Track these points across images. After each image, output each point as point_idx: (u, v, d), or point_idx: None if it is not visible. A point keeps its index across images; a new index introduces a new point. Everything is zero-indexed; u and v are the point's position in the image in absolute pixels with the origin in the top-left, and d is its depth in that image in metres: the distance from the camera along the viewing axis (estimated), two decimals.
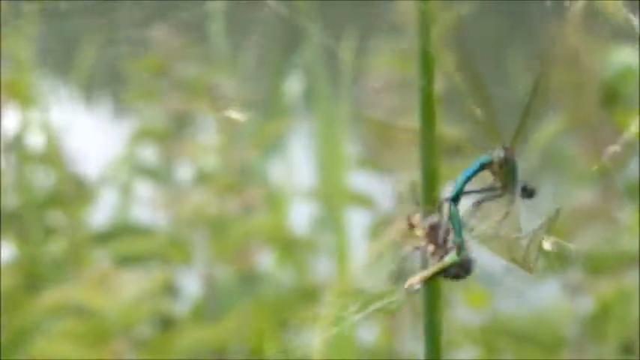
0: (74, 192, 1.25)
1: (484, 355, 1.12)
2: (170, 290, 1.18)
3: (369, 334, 1.20)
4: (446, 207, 0.44)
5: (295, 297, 1.17)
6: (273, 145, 1.34)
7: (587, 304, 1.09)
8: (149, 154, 1.34)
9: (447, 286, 0.43)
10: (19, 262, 1.19)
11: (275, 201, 1.31)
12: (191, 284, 1.22)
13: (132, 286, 0.98)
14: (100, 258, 1.18)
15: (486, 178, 0.46)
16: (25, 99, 1.27)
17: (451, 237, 0.44)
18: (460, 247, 0.44)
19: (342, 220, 1.02)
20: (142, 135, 1.35)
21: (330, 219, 1.10)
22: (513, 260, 0.45)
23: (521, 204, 0.45)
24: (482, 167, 0.45)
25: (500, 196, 0.46)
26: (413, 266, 0.44)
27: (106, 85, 1.57)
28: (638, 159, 1.17)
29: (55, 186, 1.27)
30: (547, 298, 1.17)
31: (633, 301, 1.02)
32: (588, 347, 1.04)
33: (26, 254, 1.20)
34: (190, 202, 1.19)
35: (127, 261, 1.15)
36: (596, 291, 1.08)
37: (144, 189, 1.34)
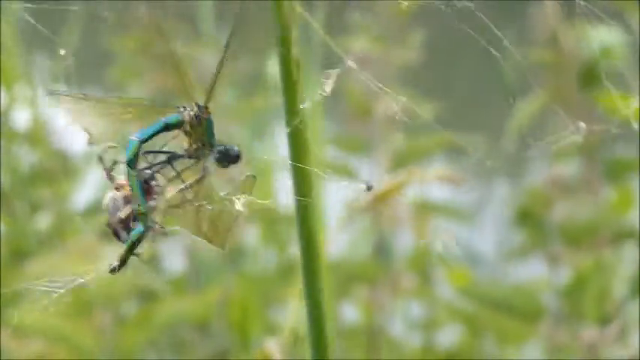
0: (60, 168, 1.25)
1: (466, 332, 1.13)
2: (154, 263, 1.19)
3: (349, 311, 1.21)
4: (130, 171, 0.37)
5: (278, 272, 1.17)
6: (256, 122, 1.35)
7: (566, 277, 1.10)
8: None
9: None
10: (6, 237, 1.20)
11: (258, 177, 1.31)
12: (174, 258, 1.22)
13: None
14: (85, 231, 1.19)
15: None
16: (11, 77, 1.27)
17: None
18: (144, 217, 0.36)
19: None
20: None
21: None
22: (201, 233, 0.37)
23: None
24: (169, 127, 0.39)
25: (191, 159, 0.39)
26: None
27: (91, 62, 1.57)
28: (618, 136, 1.18)
29: (40, 163, 1.27)
30: (532, 275, 1.18)
31: (610, 274, 1.04)
32: (566, 319, 1.05)
33: (13, 229, 1.21)
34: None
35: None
36: (575, 264, 1.09)
37: None
